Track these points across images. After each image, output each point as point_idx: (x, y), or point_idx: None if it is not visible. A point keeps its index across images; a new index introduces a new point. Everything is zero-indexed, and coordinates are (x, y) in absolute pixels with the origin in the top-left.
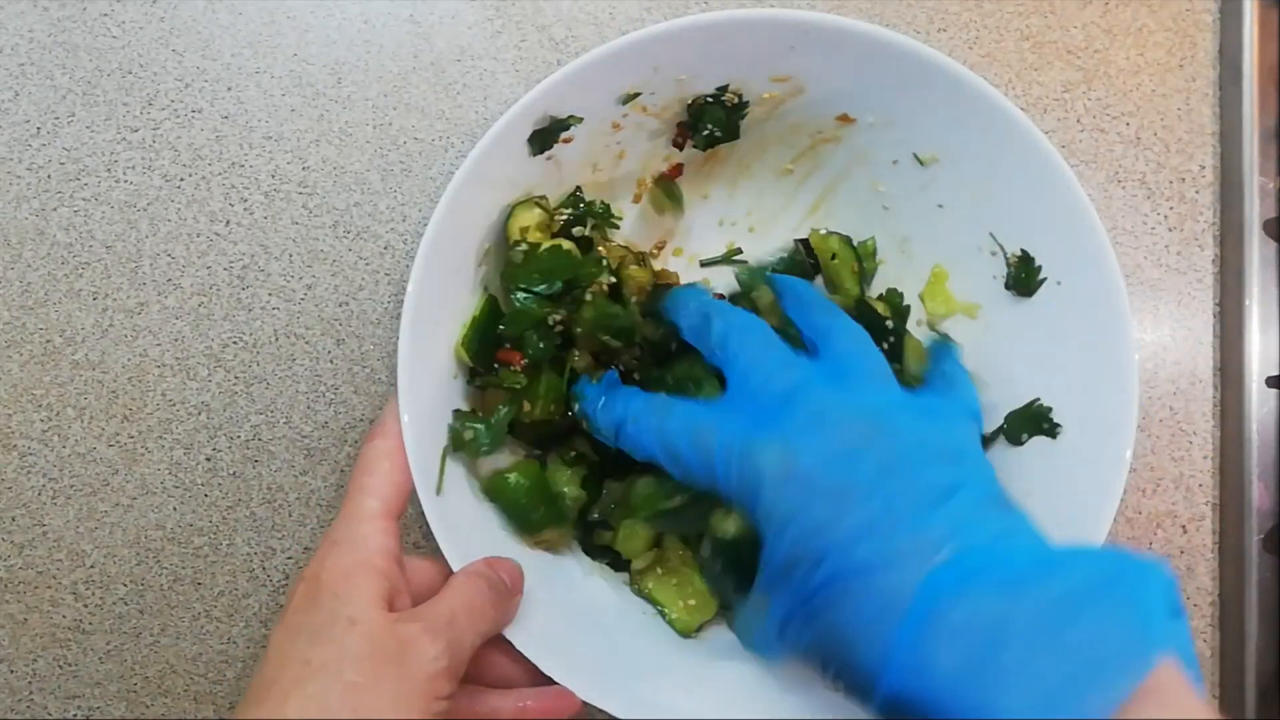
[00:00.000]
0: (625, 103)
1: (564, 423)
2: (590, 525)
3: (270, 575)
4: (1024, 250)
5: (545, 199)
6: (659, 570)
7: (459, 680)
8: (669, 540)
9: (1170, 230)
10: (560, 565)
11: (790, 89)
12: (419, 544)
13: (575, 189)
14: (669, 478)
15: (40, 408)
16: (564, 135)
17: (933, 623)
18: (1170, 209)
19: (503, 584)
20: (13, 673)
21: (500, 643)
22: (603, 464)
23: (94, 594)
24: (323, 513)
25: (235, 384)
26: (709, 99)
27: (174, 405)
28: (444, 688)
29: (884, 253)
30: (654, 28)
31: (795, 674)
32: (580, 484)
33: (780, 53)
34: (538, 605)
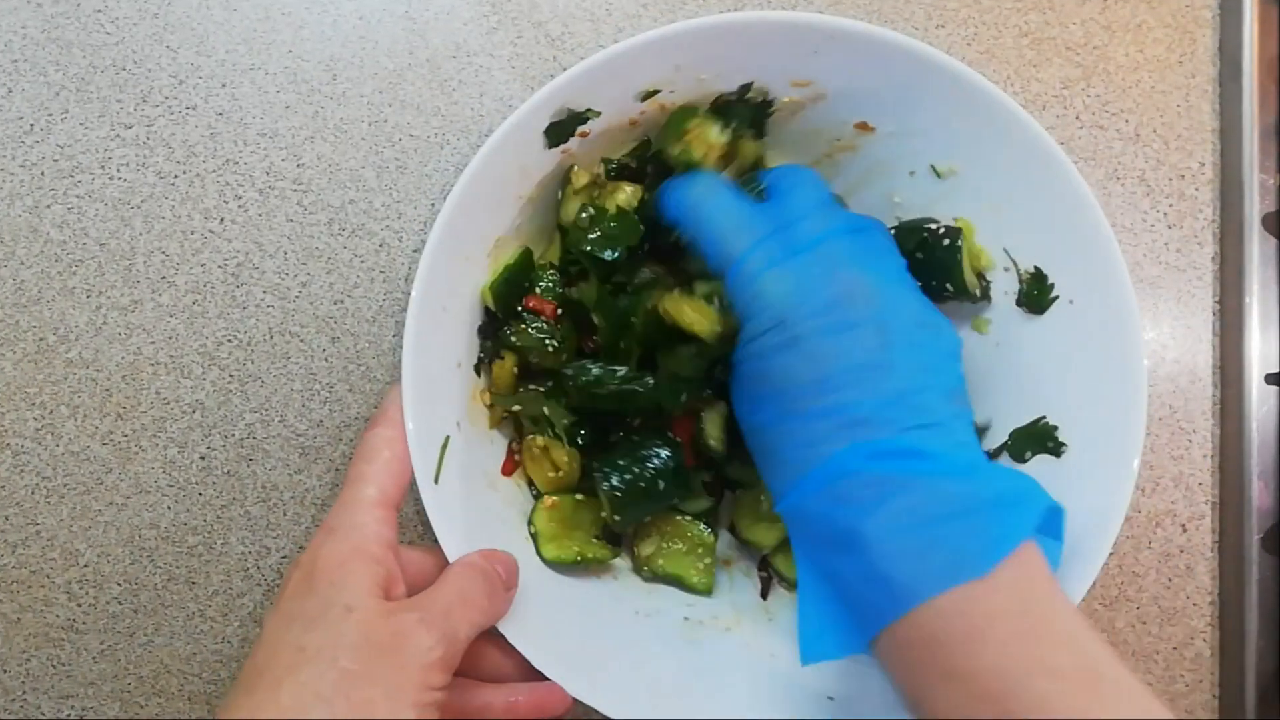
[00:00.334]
0: (644, 99)
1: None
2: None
3: (265, 574)
4: (1037, 267)
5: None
6: (664, 546)
7: (453, 671)
8: (664, 519)
9: (1170, 227)
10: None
11: (811, 94)
12: (415, 543)
13: (645, 140)
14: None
15: (33, 406)
16: (581, 129)
17: (847, 474)
18: (1170, 206)
19: (498, 576)
20: (6, 672)
21: (493, 636)
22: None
23: (88, 593)
24: (318, 511)
25: (230, 382)
26: (732, 98)
27: (168, 403)
28: (438, 678)
29: None
30: (679, 25)
31: (791, 674)
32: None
33: (803, 57)
34: (532, 600)
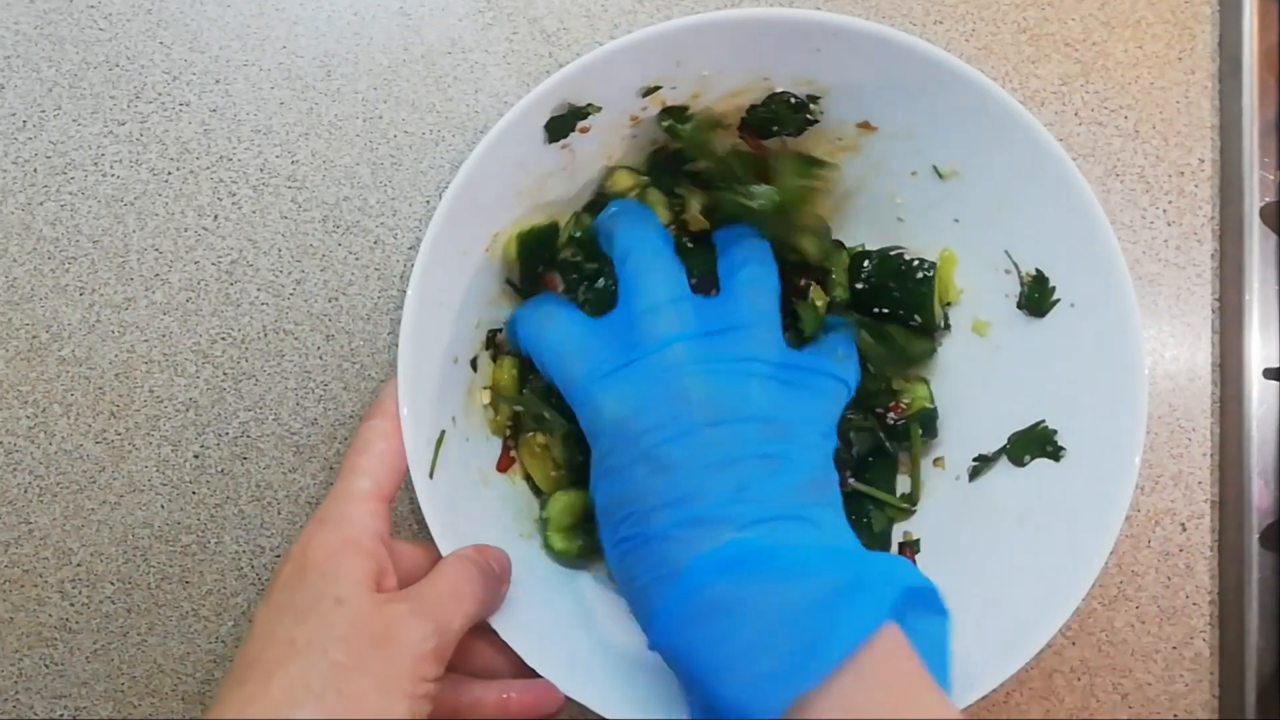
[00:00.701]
0: (646, 95)
1: None
2: None
3: (259, 574)
4: (1039, 270)
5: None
6: None
7: (446, 663)
8: None
9: (1169, 224)
10: (550, 559)
11: (813, 93)
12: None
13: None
14: None
15: (26, 404)
16: (581, 124)
17: (691, 598)
18: (1169, 203)
19: (492, 570)
20: None
21: (485, 632)
22: None
23: (81, 592)
24: (311, 510)
25: (223, 380)
26: (760, 104)
27: (161, 402)
28: (430, 670)
29: None
30: (681, 21)
31: None
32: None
33: (806, 54)
34: (525, 597)
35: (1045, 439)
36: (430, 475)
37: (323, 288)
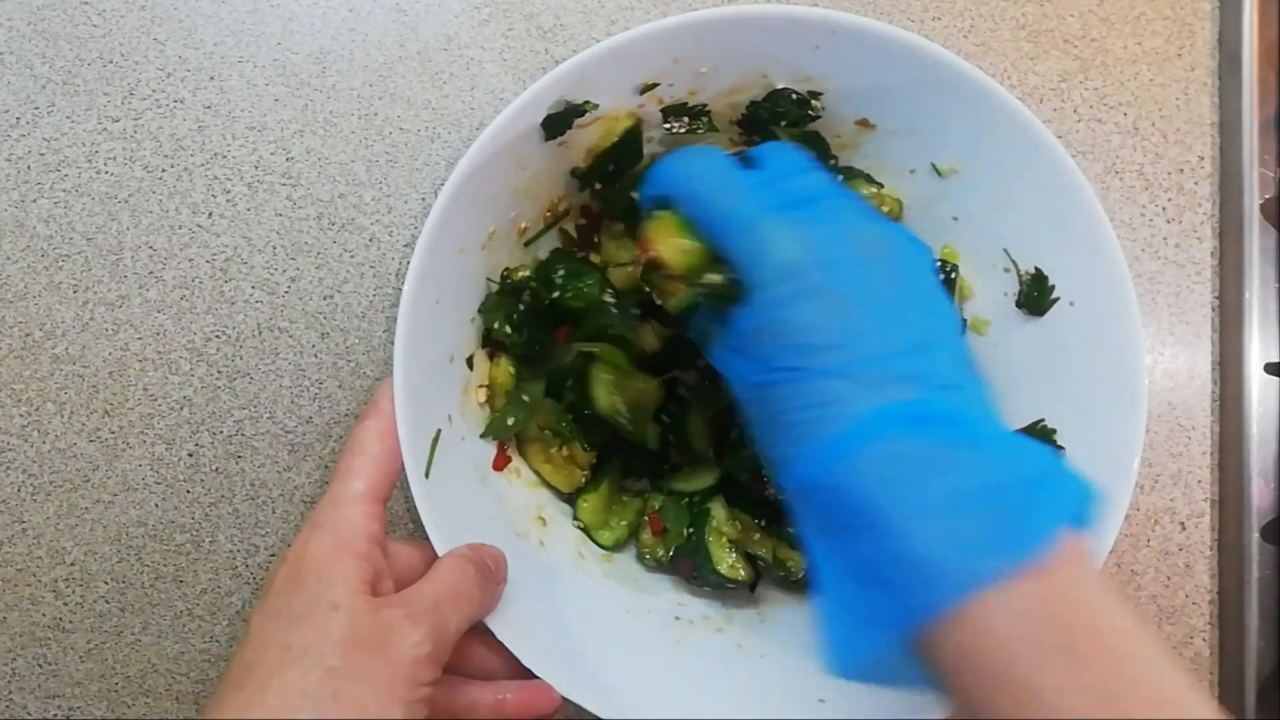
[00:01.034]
0: (643, 92)
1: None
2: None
3: (253, 573)
4: (1038, 269)
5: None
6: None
7: (442, 666)
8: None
9: (1168, 222)
10: (547, 557)
11: (813, 89)
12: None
13: None
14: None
15: (19, 402)
16: (579, 122)
17: (871, 442)
18: (1169, 200)
19: (489, 568)
20: None
21: (481, 633)
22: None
23: (74, 592)
24: (306, 509)
25: (218, 378)
26: (761, 100)
27: (155, 400)
28: (427, 674)
29: None
30: (680, 18)
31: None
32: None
33: (805, 51)
34: (521, 597)
35: (1045, 437)
36: (426, 475)
37: (318, 285)
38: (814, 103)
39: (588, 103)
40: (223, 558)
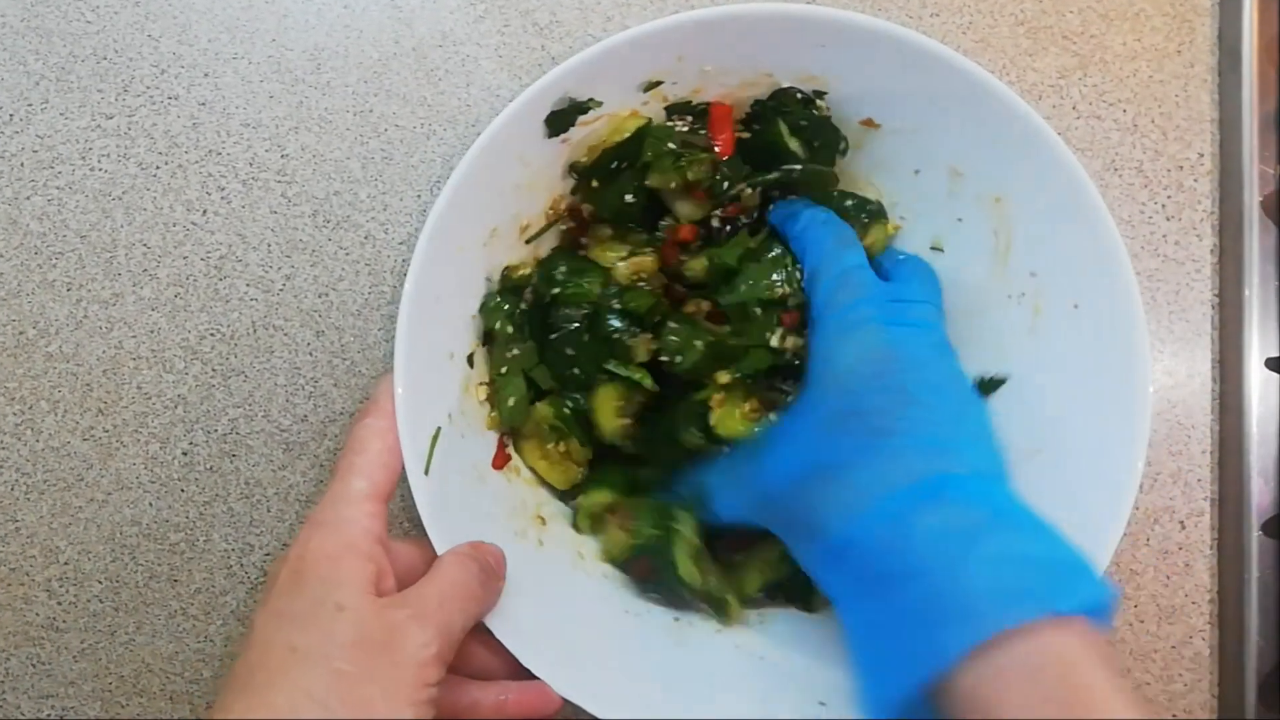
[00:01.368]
0: (647, 90)
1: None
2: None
3: (248, 572)
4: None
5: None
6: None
7: (448, 665)
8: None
9: (1168, 219)
10: (546, 557)
11: (818, 88)
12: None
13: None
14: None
15: (13, 401)
16: (581, 119)
17: (913, 508)
18: (1168, 198)
19: (490, 567)
20: None
21: (482, 633)
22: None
23: (68, 591)
24: (302, 508)
25: (212, 377)
26: (766, 98)
27: (150, 398)
28: (433, 674)
29: None
30: (684, 15)
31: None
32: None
33: (810, 50)
34: (521, 597)
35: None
36: (426, 472)
37: (313, 283)
38: (819, 102)
39: (591, 100)
40: (217, 557)
